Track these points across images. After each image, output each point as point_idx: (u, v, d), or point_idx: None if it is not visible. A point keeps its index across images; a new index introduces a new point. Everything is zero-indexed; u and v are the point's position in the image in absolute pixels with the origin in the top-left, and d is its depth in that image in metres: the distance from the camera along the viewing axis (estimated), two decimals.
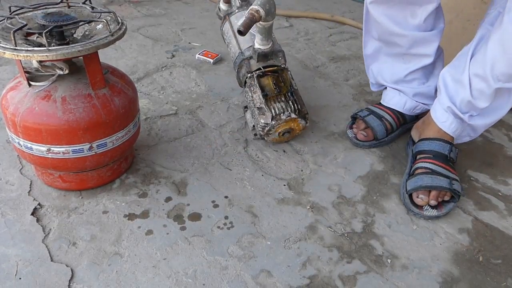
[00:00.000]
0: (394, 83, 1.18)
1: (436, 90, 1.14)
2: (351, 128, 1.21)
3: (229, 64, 1.55)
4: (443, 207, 0.95)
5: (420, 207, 0.96)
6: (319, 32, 1.90)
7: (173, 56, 1.58)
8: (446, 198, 0.96)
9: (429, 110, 1.20)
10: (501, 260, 0.87)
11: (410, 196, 0.98)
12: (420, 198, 0.96)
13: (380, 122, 1.16)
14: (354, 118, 1.22)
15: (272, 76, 1.09)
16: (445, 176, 0.97)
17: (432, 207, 0.95)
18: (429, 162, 1.00)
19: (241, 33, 0.93)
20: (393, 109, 1.20)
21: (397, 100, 1.19)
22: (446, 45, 1.50)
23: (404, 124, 1.21)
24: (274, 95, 1.07)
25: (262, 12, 0.95)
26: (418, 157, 1.04)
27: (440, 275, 0.83)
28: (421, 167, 1.00)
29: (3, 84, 1.32)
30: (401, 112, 1.19)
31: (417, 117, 1.23)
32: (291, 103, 1.07)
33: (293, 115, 1.06)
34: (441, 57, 1.14)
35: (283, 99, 1.07)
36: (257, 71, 1.09)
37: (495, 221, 0.97)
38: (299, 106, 1.08)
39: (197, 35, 1.78)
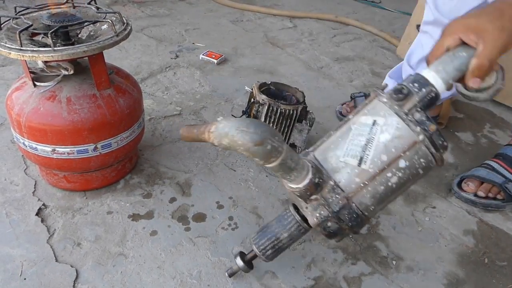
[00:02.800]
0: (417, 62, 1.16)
1: None
2: (342, 104, 1.27)
3: (233, 65, 1.55)
4: (487, 200, 0.97)
5: (463, 190, 0.99)
6: (323, 33, 1.89)
7: (177, 56, 1.58)
8: (499, 197, 0.98)
9: None
10: (506, 262, 0.86)
11: (461, 181, 1.01)
12: (467, 184, 0.99)
13: None
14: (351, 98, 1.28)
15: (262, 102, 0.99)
16: (503, 176, 0.98)
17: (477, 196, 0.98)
18: (495, 162, 1.03)
19: None
20: None
21: (391, 86, 1.20)
22: None
23: None
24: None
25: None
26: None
27: (445, 276, 0.83)
28: (486, 163, 1.04)
29: (7, 84, 1.32)
30: None
31: None
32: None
33: None
34: None
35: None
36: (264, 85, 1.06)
37: (500, 222, 0.96)
38: None
39: (201, 35, 1.78)
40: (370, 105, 0.66)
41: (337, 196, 0.63)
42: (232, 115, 1.21)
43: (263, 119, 0.98)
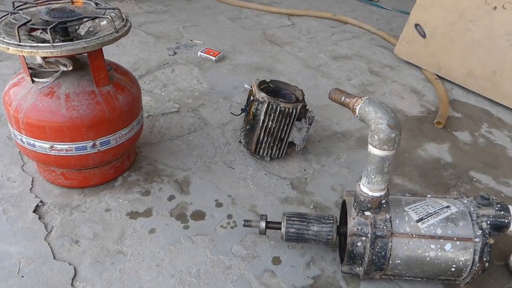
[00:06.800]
0: None
1: None
2: None
3: (231, 62, 1.55)
4: None
5: None
6: (321, 31, 1.89)
7: (175, 53, 1.57)
8: None
9: None
10: (503, 262, 0.87)
11: None
12: None
13: None
14: None
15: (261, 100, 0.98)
16: None
17: None
18: None
19: None
20: None
21: None
22: (449, 46, 1.51)
23: None
24: (245, 115, 1.06)
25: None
26: None
27: None
28: None
29: (4, 79, 1.31)
30: None
31: None
32: (243, 133, 1.08)
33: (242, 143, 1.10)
34: None
35: (244, 125, 1.07)
36: (263, 84, 1.04)
37: None
38: (244, 141, 1.08)
39: (199, 32, 1.77)
40: (450, 199, 0.78)
41: (385, 227, 0.73)
42: (231, 113, 1.21)
43: (262, 117, 0.98)
